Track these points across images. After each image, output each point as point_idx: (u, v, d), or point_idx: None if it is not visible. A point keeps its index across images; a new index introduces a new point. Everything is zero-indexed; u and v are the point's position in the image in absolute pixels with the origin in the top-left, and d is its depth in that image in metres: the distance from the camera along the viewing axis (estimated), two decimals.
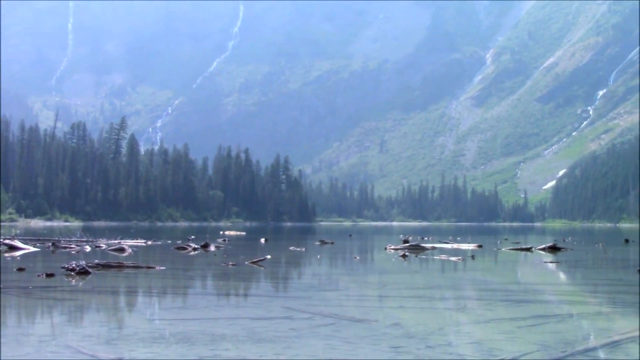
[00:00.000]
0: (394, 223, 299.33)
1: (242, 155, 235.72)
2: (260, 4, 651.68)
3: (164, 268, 30.52)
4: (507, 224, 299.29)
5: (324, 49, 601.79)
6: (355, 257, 44.16)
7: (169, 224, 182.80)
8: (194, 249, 44.91)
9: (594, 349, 13.91)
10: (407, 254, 43.29)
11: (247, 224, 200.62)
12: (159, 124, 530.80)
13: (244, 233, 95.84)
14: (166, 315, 18.05)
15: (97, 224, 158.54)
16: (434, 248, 51.04)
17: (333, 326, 15.87)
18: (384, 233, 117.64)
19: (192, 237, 66.59)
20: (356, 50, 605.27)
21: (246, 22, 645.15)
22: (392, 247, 50.05)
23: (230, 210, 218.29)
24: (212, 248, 46.46)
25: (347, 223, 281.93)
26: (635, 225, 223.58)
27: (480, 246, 54.92)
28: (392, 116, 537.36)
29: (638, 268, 31.19)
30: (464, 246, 55.20)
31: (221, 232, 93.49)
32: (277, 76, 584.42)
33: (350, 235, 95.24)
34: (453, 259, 39.40)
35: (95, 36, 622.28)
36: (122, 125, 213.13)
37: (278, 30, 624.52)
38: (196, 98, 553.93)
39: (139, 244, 52.68)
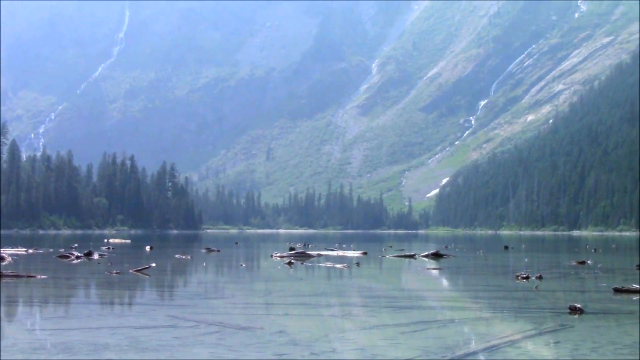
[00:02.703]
0: (281, 230, 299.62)
1: (128, 163, 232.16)
2: (147, 10, 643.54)
3: (45, 277, 29.88)
4: (392, 231, 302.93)
5: (211, 56, 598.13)
6: (241, 265, 44.08)
7: (52, 231, 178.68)
8: (77, 257, 44.07)
9: (474, 352, 14.26)
10: (293, 261, 43.44)
11: (133, 231, 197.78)
12: (41, 130, 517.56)
13: (128, 241, 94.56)
14: (47, 325, 17.70)
15: None
16: (319, 255, 51.33)
17: (218, 334, 15.84)
18: (271, 241, 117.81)
19: (75, 245, 65.36)
20: (243, 58, 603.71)
21: (132, 27, 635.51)
22: (278, 254, 50.16)
23: (115, 218, 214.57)
24: (96, 256, 45.68)
25: (234, 230, 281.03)
26: (514, 232, 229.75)
27: (365, 253, 55.52)
28: (279, 124, 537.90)
29: (516, 275, 31.99)
30: (350, 253, 55.73)
31: (105, 240, 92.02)
32: (163, 83, 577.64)
33: (236, 243, 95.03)
34: (338, 266, 39.73)
35: None
36: (3, 130, 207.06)
37: (165, 37, 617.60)
38: (80, 104, 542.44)
39: (20, 252, 51.42)
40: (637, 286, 25.61)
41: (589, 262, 43.28)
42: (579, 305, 19.85)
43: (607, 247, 77.50)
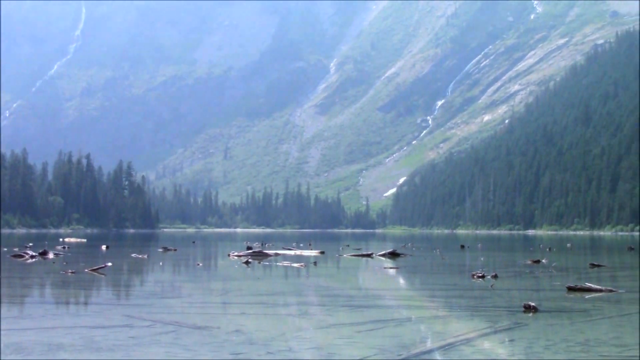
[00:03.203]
0: (238, 230, 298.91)
1: (84, 161, 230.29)
2: (103, 7, 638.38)
3: None
4: (349, 230, 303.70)
5: (169, 54, 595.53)
6: (198, 264, 43.92)
7: (6, 230, 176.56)
8: (32, 257, 43.61)
9: (430, 351, 14.35)
10: (250, 260, 43.37)
11: (89, 230, 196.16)
12: None
13: (84, 240, 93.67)
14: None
15: None
16: (277, 255, 51.31)
17: (174, 334, 15.78)
18: (228, 240, 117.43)
19: (30, 244, 64.60)
20: (201, 57, 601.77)
21: (89, 25, 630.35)
22: (235, 253, 50.01)
23: (70, 217, 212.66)
24: (51, 255, 45.23)
25: (191, 230, 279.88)
26: (470, 232, 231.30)
27: (322, 252, 55.57)
28: (236, 123, 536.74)
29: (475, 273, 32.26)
30: (307, 253, 55.75)
31: (61, 239, 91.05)
32: (120, 81, 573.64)
33: (193, 242, 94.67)
34: (296, 265, 39.76)
35: None
36: None
37: (122, 34, 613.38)
38: (36, 102, 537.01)
39: None
40: (590, 285, 25.92)
41: (543, 261, 43.73)
42: (533, 304, 20.05)
43: (562, 246, 78.34)
